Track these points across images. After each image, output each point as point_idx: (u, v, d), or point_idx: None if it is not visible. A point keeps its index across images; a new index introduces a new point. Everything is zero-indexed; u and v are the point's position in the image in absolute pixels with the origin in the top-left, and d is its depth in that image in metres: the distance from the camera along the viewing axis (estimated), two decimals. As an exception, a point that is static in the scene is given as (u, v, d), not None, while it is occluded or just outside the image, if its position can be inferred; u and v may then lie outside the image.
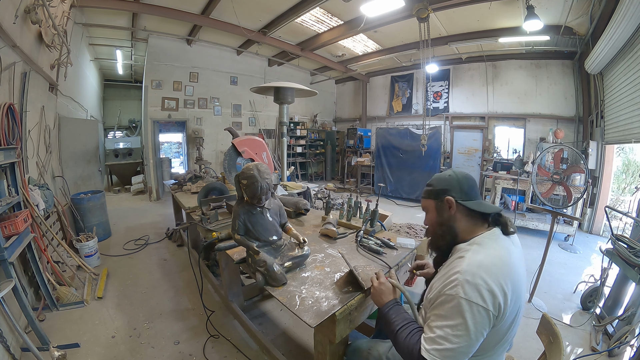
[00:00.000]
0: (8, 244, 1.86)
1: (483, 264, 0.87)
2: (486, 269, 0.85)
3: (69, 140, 4.41)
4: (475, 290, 0.82)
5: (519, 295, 0.88)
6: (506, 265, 0.88)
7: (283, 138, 3.77)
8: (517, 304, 0.88)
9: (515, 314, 0.89)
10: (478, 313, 0.81)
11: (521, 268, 0.94)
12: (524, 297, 0.94)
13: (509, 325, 0.89)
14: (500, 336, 0.90)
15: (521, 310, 0.92)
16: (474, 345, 0.84)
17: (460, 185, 1.03)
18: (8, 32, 2.11)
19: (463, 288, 0.83)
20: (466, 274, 0.85)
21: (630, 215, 2.50)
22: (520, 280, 0.90)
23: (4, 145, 2.12)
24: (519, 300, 0.88)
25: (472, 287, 0.83)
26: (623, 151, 5.08)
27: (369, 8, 4.43)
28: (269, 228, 1.51)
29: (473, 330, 0.82)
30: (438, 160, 6.62)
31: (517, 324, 0.93)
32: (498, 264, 0.88)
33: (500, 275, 0.85)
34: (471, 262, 0.88)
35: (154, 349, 2.04)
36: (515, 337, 2.29)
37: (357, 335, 1.99)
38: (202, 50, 7.05)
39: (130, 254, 3.64)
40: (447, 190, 1.04)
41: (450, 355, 0.83)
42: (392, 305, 1.08)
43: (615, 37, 3.44)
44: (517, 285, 0.87)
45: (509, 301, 0.84)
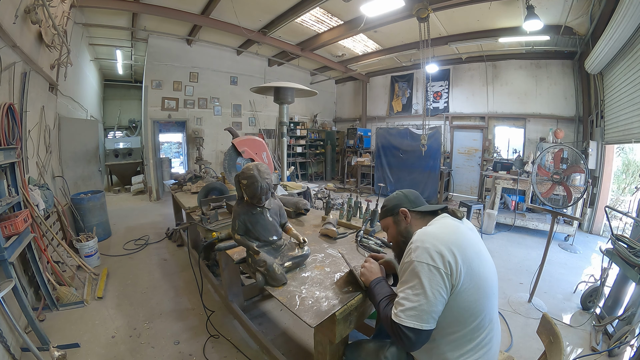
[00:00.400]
0: (8, 244, 1.86)
1: (429, 232, 1.02)
2: (432, 235, 0.99)
3: (69, 140, 4.41)
4: (424, 252, 0.94)
5: (471, 262, 0.95)
6: (452, 233, 1.01)
7: (283, 138, 3.77)
8: (472, 269, 0.94)
9: (478, 282, 0.94)
10: (429, 271, 0.91)
11: (471, 240, 1.03)
12: (484, 267, 0.99)
13: (472, 295, 0.93)
14: (466, 305, 0.94)
15: (485, 282, 0.97)
16: (433, 303, 0.91)
17: (407, 198, 1.24)
18: (8, 32, 2.11)
19: (415, 252, 0.96)
20: (416, 242, 0.98)
21: (630, 215, 2.50)
22: (469, 248, 0.98)
23: (4, 145, 2.12)
24: (473, 266, 0.95)
25: (421, 250, 0.95)
26: (623, 151, 5.08)
27: (369, 8, 4.43)
28: (269, 228, 1.50)
29: (429, 288, 0.91)
30: (438, 160, 6.62)
31: (486, 298, 0.96)
32: (444, 231, 1.02)
33: (445, 239, 0.97)
34: (420, 233, 1.02)
35: (154, 349, 2.04)
36: (515, 337, 2.30)
37: (357, 335, 1.99)
38: (202, 50, 7.05)
39: (130, 254, 3.64)
40: (398, 204, 1.23)
41: (413, 314, 0.91)
42: (378, 282, 1.18)
43: (615, 37, 3.44)
44: (466, 252, 0.95)
45: (459, 263, 0.92)
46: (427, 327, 0.92)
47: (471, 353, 0.96)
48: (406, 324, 0.91)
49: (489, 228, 4.71)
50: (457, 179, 7.59)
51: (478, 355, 0.97)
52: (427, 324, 0.91)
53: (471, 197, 7.18)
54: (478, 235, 1.13)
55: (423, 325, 0.91)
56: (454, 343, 0.97)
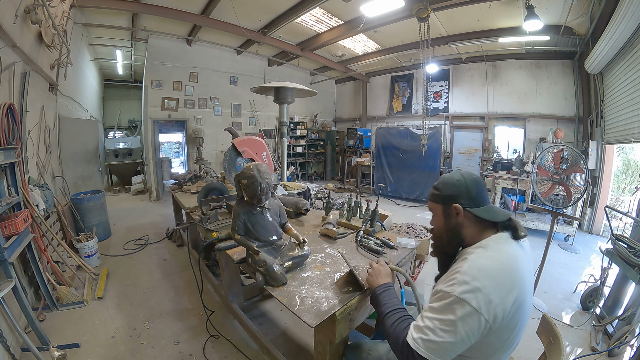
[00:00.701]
0: (8, 244, 1.86)
1: (484, 268, 0.84)
2: (487, 274, 0.83)
3: (69, 140, 4.41)
4: (471, 293, 0.80)
5: (522, 303, 0.84)
6: (510, 271, 0.85)
7: (283, 138, 3.77)
8: (520, 312, 0.85)
9: (519, 321, 0.86)
10: (469, 316, 0.80)
11: (528, 274, 0.90)
12: (530, 303, 0.90)
13: (511, 332, 0.86)
14: (502, 342, 0.87)
15: (526, 317, 0.89)
16: (458, 345, 0.82)
17: (468, 191, 0.99)
18: (8, 32, 2.11)
19: (460, 287, 0.82)
20: (466, 275, 0.83)
21: (630, 215, 2.50)
22: (525, 287, 0.86)
23: (4, 145, 2.12)
24: (522, 308, 0.85)
25: (470, 289, 0.80)
26: (623, 151, 5.08)
27: (369, 8, 4.43)
28: (269, 228, 1.50)
29: (461, 331, 0.80)
30: (438, 160, 6.62)
31: (521, 331, 0.90)
32: (501, 269, 0.85)
33: (501, 282, 0.82)
34: (472, 265, 0.86)
35: (154, 349, 2.04)
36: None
37: (357, 335, 1.99)
38: (202, 50, 7.05)
39: (130, 254, 3.64)
40: (454, 196, 1.00)
41: (432, 347, 0.82)
42: (388, 288, 1.09)
43: (615, 37, 3.44)
44: (521, 293, 0.84)
45: (509, 310, 0.82)
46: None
47: None
48: (421, 353, 0.83)
49: (489, 228, 4.69)
50: (457, 179, 7.57)
51: None
52: (441, 358, 0.84)
53: (471, 197, 7.16)
54: (532, 257, 0.99)
55: (436, 359, 0.83)
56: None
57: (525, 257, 0.93)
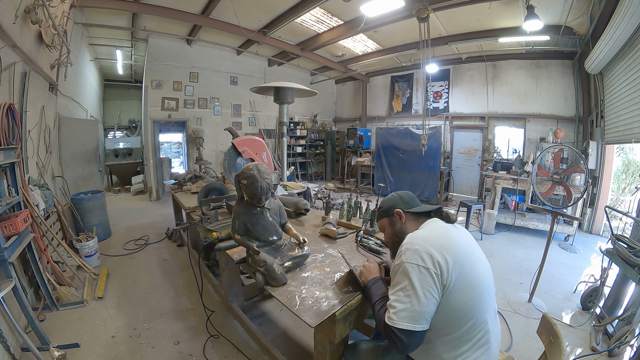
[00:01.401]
0: (8, 244, 1.86)
1: (419, 235, 1.04)
2: (422, 238, 1.01)
3: (69, 140, 4.41)
4: (415, 254, 0.95)
5: (462, 263, 0.96)
6: (442, 236, 1.03)
7: (283, 138, 3.77)
8: (464, 270, 0.95)
9: (469, 284, 0.95)
10: (419, 272, 0.92)
11: (461, 242, 1.04)
12: (477, 270, 1.00)
13: (465, 295, 0.94)
14: (460, 304, 0.94)
15: (478, 282, 0.98)
16: (425, 304, 0.91)
17: (402, 199, 1.26)
18: (8, 32, 2.11)
19: (405, 254, 0.97)
20: (406, 244, 1.00)
21: (630, 215, 2.50)
22: (459, 249, 0.99)
23: (4, 145, 2.12)
24: (464, 267, 0.95)
25: (411, 252, 0.96)
26: (623, 151, 5.08)
27: (369, 8, 4.43)
28: (269, 228, 1.50)
29: (419, 289, 0.91)
30: (438, 160, 6.62)
31: (480, 298, 0.97)
32: (433, 233, 1.05)
33: (435, 242, 0.98)
34: (410, 236, 1.04)
35: (154, 349, 2.04)
36: (515, 337, 2.30)
37: (357, 335, 1.99)
38: (202, 50, 7.05)
39: (130, 254, 3.64)
40: (393, 205, 1.25)
41: (405, 315, 0.91)
42: (375, 282, 1.19)
43: (615, 37, 3.44)
44: (456, 253, 0.96)
45: (450, 263, 0.93)
46: (420, 328, 0.91)
47: (468, 353, 0.96)
48: (399, 326, 0.91)
49: (489, 228, 4.71)
50: (457, 179, 7.60)
51: (475, 356, 0.96)
52: (419, 325, 0.91)
53: (471, 197, 7.18)
54: (470, 237, 1.14)
55: (416, 326, 0.91)
56: (449, 344, 0.97)
57: (457, 231, 1.10)
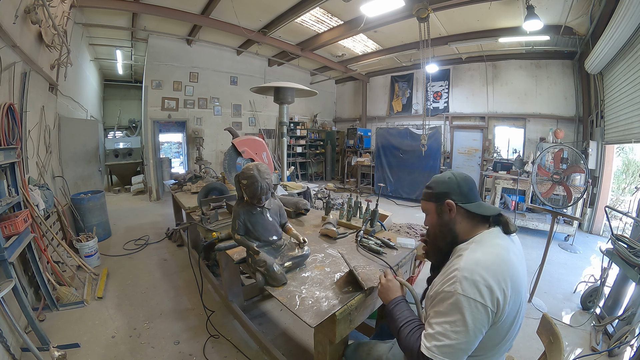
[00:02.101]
0: (8, 244, 1.86)
1: (480, 261, 0.87)
2: (484, 266, 0.86)
3: (69, 140, 4.41)
4: (473, 287, 0.83)
5: (518, 293, 0.87)
6: (504, 262, 0.89)
7: (283, 138, 3.77)
8: (517, 302, 0.87)
9: (516, 313, 0.88)
10: (476, 309, 0.82)
11: (521, 266, 0.94)
12: (525, 296, 0.93)
13: (510, 325, 0.88)
14: (502, 335, 0.89)
15: (522, 310, 0.92)
16: (472, 342, 0.84)
17: (460, 187, 1.04)
18: (8, 32, 2.11)
19: (461, 284, 0.84)
20: (464, 271, 0.85)
21: (630, 215, 2.50)
22: (519, 278, 0.89)
23: (4, 145, 2.12)
24: (518, 298, 0.88)
25: (470, 284, 0.83)
26: (623, 151, 5.08)
27: (369, 8, 4.43)
28: (269, 228, 1.50)
29: (472, 327, 0.82)
30: (438, 160, 6.62)
31: (518, 324, 0.92)
32: (496, 260, 0.88)
33: (498, 271, 0.85)
34: (469, 260, 0.88)
35: (154, 349, 2.04)
36: (515, 337, 2.28)
37: (357, 335, 1.99)
38: (202, 50, 7.05)
39: (130, 254, 3.64)
40: (447, 193, 1.04)
41: (448, 351, 0.83)
42: (398, 302, 1.09)
43: (615, 37, 3.44)
44: (516, 283, 0.87)
45: (508, 298, 0.84)
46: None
47: None
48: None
49: (489, 228, 4.70)
50: (457, 179, 7.58)
51: None
52: (459, 359, 0.85)
53: (471, 197, 7.17)
54: (522, 253, 1.02)
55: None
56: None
57: (516, 250, 0.97)
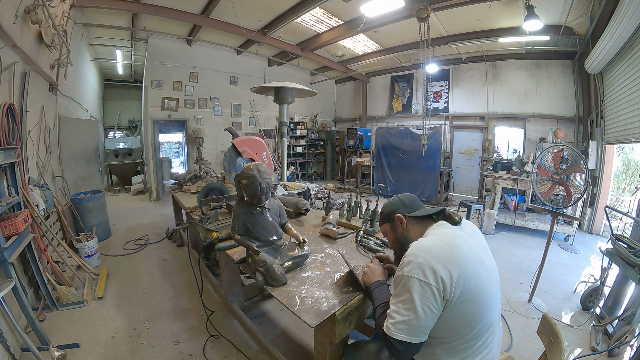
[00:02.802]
0: (8, 244, 1.86)
1: (424, 246, 0.98)
2: (426, 250, 0.95)
3: (69, 140, 4.41)
4: (416, 267, 0.92)
5: (467, 273, 0.91)
6: (447, 245, 0.97)
7: (283, 138, 3.77)
8: (469, 282, 0.91)
9: (475, 294, 0.91)
10: (421, 288, 0.90)
11: (471, 250, 0.99)
12: (485, 278, 0.96)
13: (470, 306, 0.91)
14: (465, 317, 0.92)
15: (484, 292, 0.94)
16: (424, 319, 0.90)
17: (403, 203, 1.21)
18: (8, 32, 2.11)
19: (407, 267, 0.94)
20: (409, 256, 0.96)
21: (630, 215, 2.50)
22: (467, 259, 0.94)
23: (4, 145, 2.13)
24: (471, 279, 0.91)
25: (414, 265, 0.92)
26: (623, 151, 5.08)
27: (369, 8, 4.43)
28: (269, 228, 1.50)
29: (419, 303, 0.89)
30: (438, 160, 6.62)
31: (485, 307, 0.94)
32: (438, 244, 0.98)
33: (440, 253, 0.93)
34: (414, 246, 0.99)
35: (154, 349, 2.04)
36: (515, 337, 2.29)
37: (357, 335, 1.99)
38: (202, 50, 7.05)
39: (130, 254, 3.64)
40: (394, 210, 1.21)
41: (403, 328, 0.91)
42: (378, 285, 1.18)
43: (615, 37, 3.44)
44: (463, 263, 0.92)
45: (455, 278, 0.89)
46: (417, 340, 0.91)
47: (469, 358, 0.96)
48: (396, 337, 0.91)
49: (489, 228, 4.71)
50: (457, 179, 7.60)
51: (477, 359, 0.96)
52: (416, 337, 0.91)
53: (471, 197, 7.18)
54: (478, 240, 1.08)
55: (412, 339, 0.91)
56: (449, 350, 0.97)
57: (464, 235, 1.04)
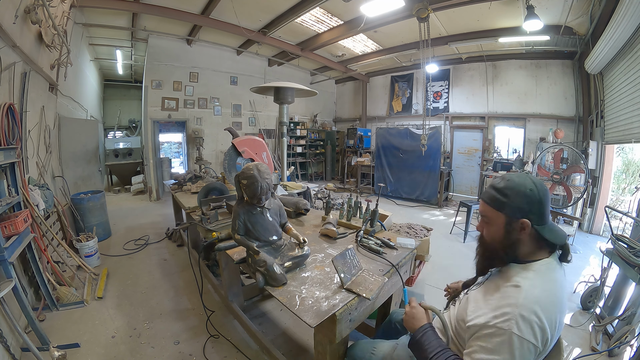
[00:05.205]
0: (8, 244, 1.86)
1: (540, 300, 0.83)
2: (542, 306, 0.82)
3: (69, 140, 4.41)
4: (529, 327, 0.79)
5: (561, 327, 0.87)
6: (559, 301, 0.86)
7: (283, 138, 3.76)
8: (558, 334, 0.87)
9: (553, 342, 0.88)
10: (527, 350, 0.79)
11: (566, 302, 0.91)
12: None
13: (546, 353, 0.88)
14: None
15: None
16: None
17: (541, 206, 0.91)
18: (8, 32, 2.11)
19: (517, 324, 0.80)
20: (522, 309, 0.81)
21: (630, 215, 2.50)
22: (565, 313, 0.89)
23: (4, 145, 2.12)
24: (560, 331, 0.87)
25: (526, 324, 0.79)
26: (623, 151, 5.08)
27: (369, 8, 4.43)
28: (269, 228, 1.50)
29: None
30: (438, 160, 6.61)
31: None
32: (553, 300, 0.85)
33: (552, 312, 0.83)
34: (528, 297, 0.83)
35: (154, 349, 2.04)
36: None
37: (357, 335, 1.99)
38: (202, 50, 7.05)
39: (130, 254, 3.64)
40: (525, 210, 0.91)
41: None
42: (426, 330, 1.02)
43: (615, 37, 3.44)
44: (562, 320, 0.87)
45: (555, 337, 0.84)
46: None
47: None
48: None
49: (489, 228, 4.70)
50: (457, 179, 7.59)
51: None
52: None
53: (471, 197, 7.18)
54: None
55: None
56: None
57: (566, 283, 0.94)
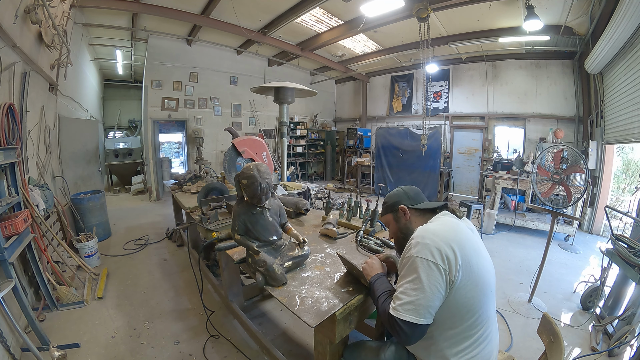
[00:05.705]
0: (8, 244, 1.86)
1: (429, 229, 1.03)
2: (432, 232, 1.01)
3: (69, 140, 4.41)
4: (424, 248, 0.96)
5: (470, 259, 0.96)
6: (452, 228, 1.03)
7: (283, 138, 3.76)
8: (470, 266, 0.95)
9: (474, 281, 0.95)
10: (429, 267, 0.93)
11: (470, 238, 1.04)
12: (481, 267, 1.00)
13: (470, 292, 0.95)
14: (464, 302, 0.95)
15: (482, 280, 0.98)
16: (430, 298, 0.92)
17: (407, 194, 1.25)
18: (8, 32, 2.11)
19: (414, 248, 0.98)
20: (416, 238, 1.00)
21: (630, 215, 2.50)
22: (468, 245, 0.99)
23: (4, 145, 2.12)
24: (471, 264, 0.96)
25: (421, 246, 0.97)
26: (623, 151, 5.08)
27: (369, 8, 4.43)
28: (269, 228, 1.50)
29: (427, 283, 0.93)
30: (438, 160, 6.62)
31: (483, 296, 0.97)
32: (443, 227, 1.04)
33: (445, 235, 0.98)
34: (420, 229, 1.05)
35: (154, 349, 2.04)
36: (515, 337, 2.29)
37: (357, 335, 1.99)
38: (202, 50, 7.05)
39: (130, 254, 3.63)
40: (398, 201, 1.25)
41: (410, 308, 0.93)
42: (378, 277, 1.20)
43: (615, 37, 3.44)
44: (465, 249, 0.97)
45: (458, 259, 0.94)
46: (424, 321, 0.93)
47: (469, 350, 0.97)
48: (403, 317, 0.93)
49: (489, 228, 4.70)
50: (457, 179, 7.60)
51: (476, 352, 0.98)
52: (423, 318, 0.93)
53: (471, 197, 7.18)
54: (477, 235, 1.14)
55: (420, 319, 0.92)
56: (451, 339, 0.98)
57: (465, 226, 1.09)
